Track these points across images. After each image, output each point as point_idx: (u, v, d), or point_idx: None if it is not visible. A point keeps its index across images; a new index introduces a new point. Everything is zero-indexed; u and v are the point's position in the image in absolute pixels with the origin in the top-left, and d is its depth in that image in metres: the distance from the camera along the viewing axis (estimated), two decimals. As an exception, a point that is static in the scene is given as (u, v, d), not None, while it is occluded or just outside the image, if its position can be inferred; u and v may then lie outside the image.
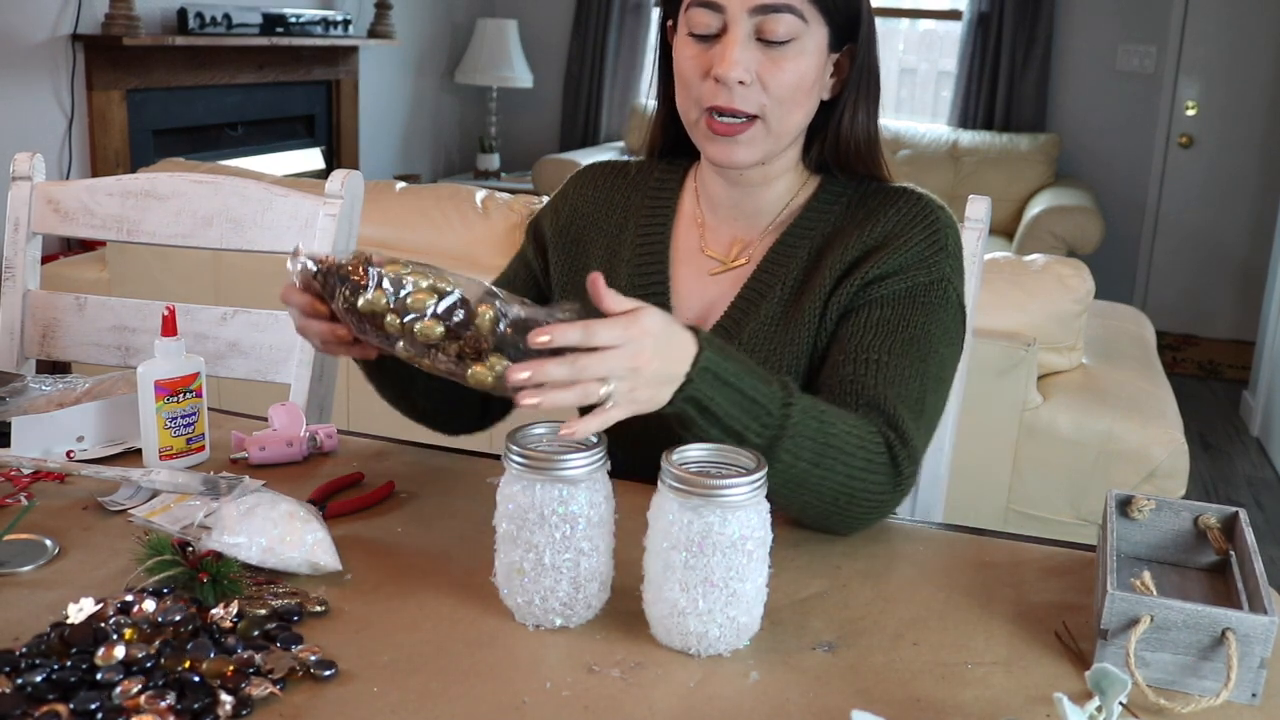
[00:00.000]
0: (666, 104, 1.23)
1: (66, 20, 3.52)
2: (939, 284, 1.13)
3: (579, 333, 0.85)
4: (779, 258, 1.18)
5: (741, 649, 0.86)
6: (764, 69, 1.10)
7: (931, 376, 1.10)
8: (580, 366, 0.85)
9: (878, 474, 1.01)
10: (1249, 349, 4.69)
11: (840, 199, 1.20)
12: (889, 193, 1.18)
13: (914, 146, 5.06)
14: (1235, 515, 0.99)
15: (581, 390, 0.86)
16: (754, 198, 1.20)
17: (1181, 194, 5.01)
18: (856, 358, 1.09)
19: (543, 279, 1.31)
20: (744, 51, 1.09)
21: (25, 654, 0.79)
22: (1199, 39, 4.87)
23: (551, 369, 0.85)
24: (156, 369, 1.14)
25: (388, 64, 5.18)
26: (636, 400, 0.89)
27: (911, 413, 1.06)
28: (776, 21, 1.08)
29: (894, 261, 1.12)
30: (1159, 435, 2.13)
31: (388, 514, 1.08)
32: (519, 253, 1.34)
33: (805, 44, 1.10)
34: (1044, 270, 2.24)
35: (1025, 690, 0.82)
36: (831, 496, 1.00)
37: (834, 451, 0.98)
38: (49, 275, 2.66)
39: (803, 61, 1.10)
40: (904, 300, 1.12)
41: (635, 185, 1.28)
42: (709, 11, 1.10)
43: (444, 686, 0.80)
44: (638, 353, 0.87)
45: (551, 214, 1.31)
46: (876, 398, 1.06)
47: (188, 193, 1.56)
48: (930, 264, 1.13)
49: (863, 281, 1.12)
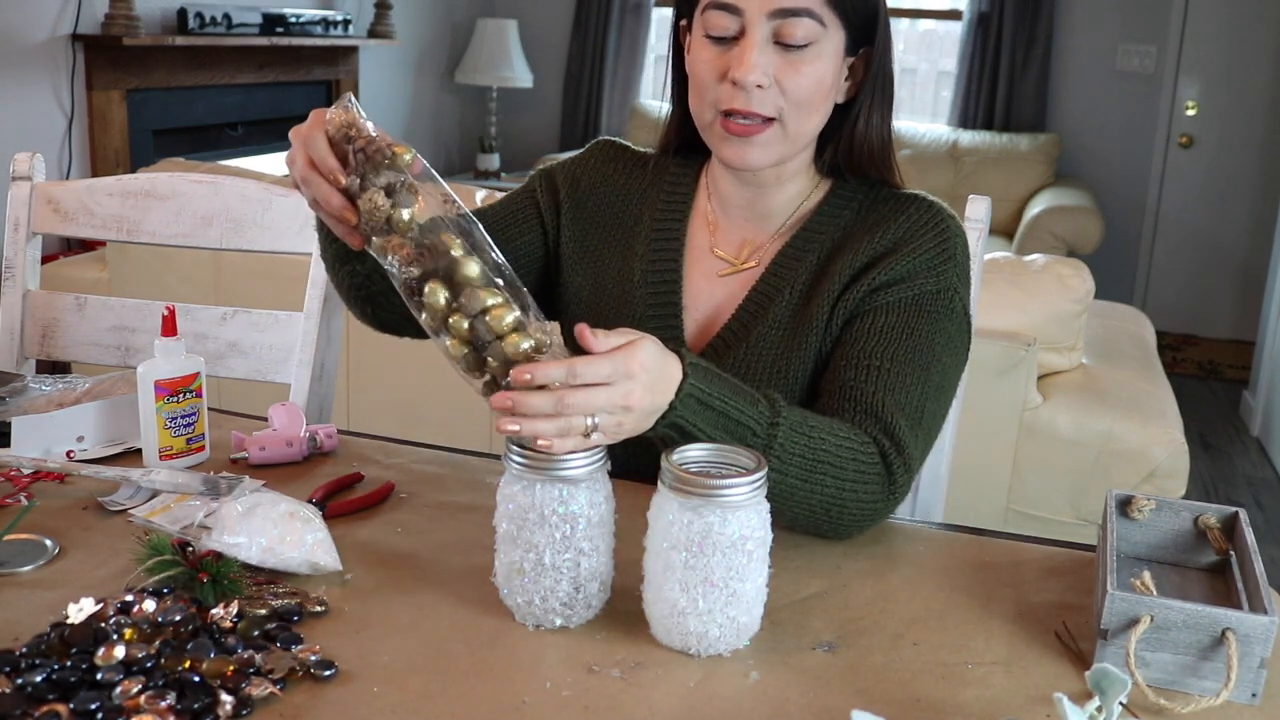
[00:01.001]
0: (681, 104, 1.22)
1: (66, 20, 3.52)
2: (945, 293, 1.13)
3: (562, 371, 0.83)
4: (788, 261, 1.18)
5: (741, 649, 0.86)
6: (782, 72, 1.09)
7: (933, 385, 1.09)
8: (567, 404, 0.83)
9: (870, 484, 1.01)
10: (1249, 349, 4.69)
11: (851, 203, 1.20)
12: (900, 199, 1.18)
13: (914, 146, 5.06)
14: (1235, 515, 0.99)
15: (565, 423, 0.84)
16: (765, 200, 1.20)
17: (1181, 194, 5.01)
18: (858, 364, 1.09)
19: (552, 231, 1.28)
20: (762, 55, 1.08)
21: (25, 654, 0.79)
22: (1199, 39, 4.87)
23: (534, 401, 0.83)
24: (156, 369, 1.14)
25: (388, 64, 5.18)
26: (621, 433, 0.88)
27: (909, 421, 1.06)
28: (795, 25, 1.07)
29: (902, 268, 1.12)
30: (1159, 435, 2.13)
31: (388, 514, 1.08)
32: (525, 192, 1.30)
33: (823, 48, 1.10)
34: (1044, 270, 2.24)
35: (1025, 690, 0.82)
36: (823, 508, 1.00)
37: (823, 466, 0.98)
38: (49, 275, 2.66)
39: (820, 65, 1.10)
40: (909, 308, 1.11)
41: (652, 179, 1.27)
42: (727, 14, 1.09)
43: (444, 686, 0.80)
44: (629, 392, 0.86)
45: (570, 178, 1.28)
46: (875, 405, 1.06)
47: (188, 193, 1.56)
48: (938, 272, 1.13)
49: (870, 287, 1.12)
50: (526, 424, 0.83)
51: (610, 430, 0.86)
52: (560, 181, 1.29)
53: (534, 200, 1.29)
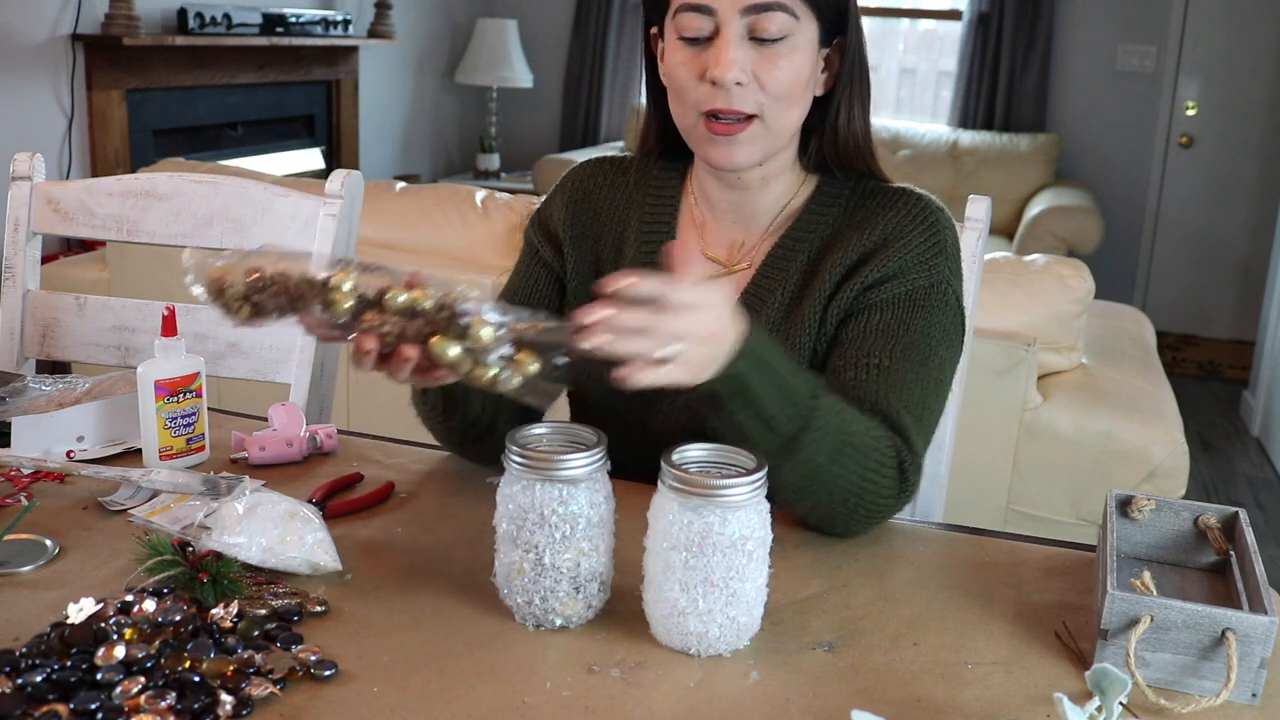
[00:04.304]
0: (659, 110, 1.21)
1: (66, 20, 3.52)
2: (938, 286, 1.13)
3: (659, 285, 0.84)
4: (778, 262, 1.18)
5: (741, 649, 0.86)
6: (759, 68, 1.09)
7: (932, 380, 1.10)
8: (659, 321, 0.84)
9: (886, 477, 1.01)
10: (1249, 349, 4.69)
11: (839, 199, 1.19)
12: (887, 194, 1.18)
13: (914, 146, 5.06)
14: (1235, 515, 0.99)
15: (650, 344, 0.84)
16: (752, 200, 1.19)
17: (1181, 194, 5.01)
18: (858, 363, 1.09)
19: (559, 271, 1.27)
20: (738, 52, 1.08)
21: (25, 654, 0.79)
22: (1199, 39, 4.87)
23: (628, 318, 0.83)
24: (156, 369, 1.14)
25: (388, 64, 5.18)
26: (691, 366, 0.88)
27: (914, 418, 1.06)
28: (768, 20, 1.08)
29: (894, 265, 1.12)
30: (1159, 435, 2.13)
31: (388, 514, 1.08)
32: (531, 256, 1.28)
33: (797, 40, 1.10)
34: (1044, 270, 2.24)
35: (1025, 690, 0.82)
36: (842, 495, 1.00)
37: (851, 450, 0.98)
38: (49, 275, 2.66)
39: (796, 58, 1.10)
40: (904, 303, 1.11)
41: (636, 184, 1.27)
42: (699, 15, 1.09)
43: (444, 686, 0.80)
44: (711, 320, 0.87)
45: (561, 209, 1.27)
46: (880, 404, 1.06)
47: (188, 193, 1.56)
48: (930, 266, 1.13)
49: (863, 285, 1.12)
50: (614, 341, 0.83)
51: (683, 361, 0.86)
52: (555, 221, 1.27)
53: (539, 258, 1.28)
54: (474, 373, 0.87)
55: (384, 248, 2.54)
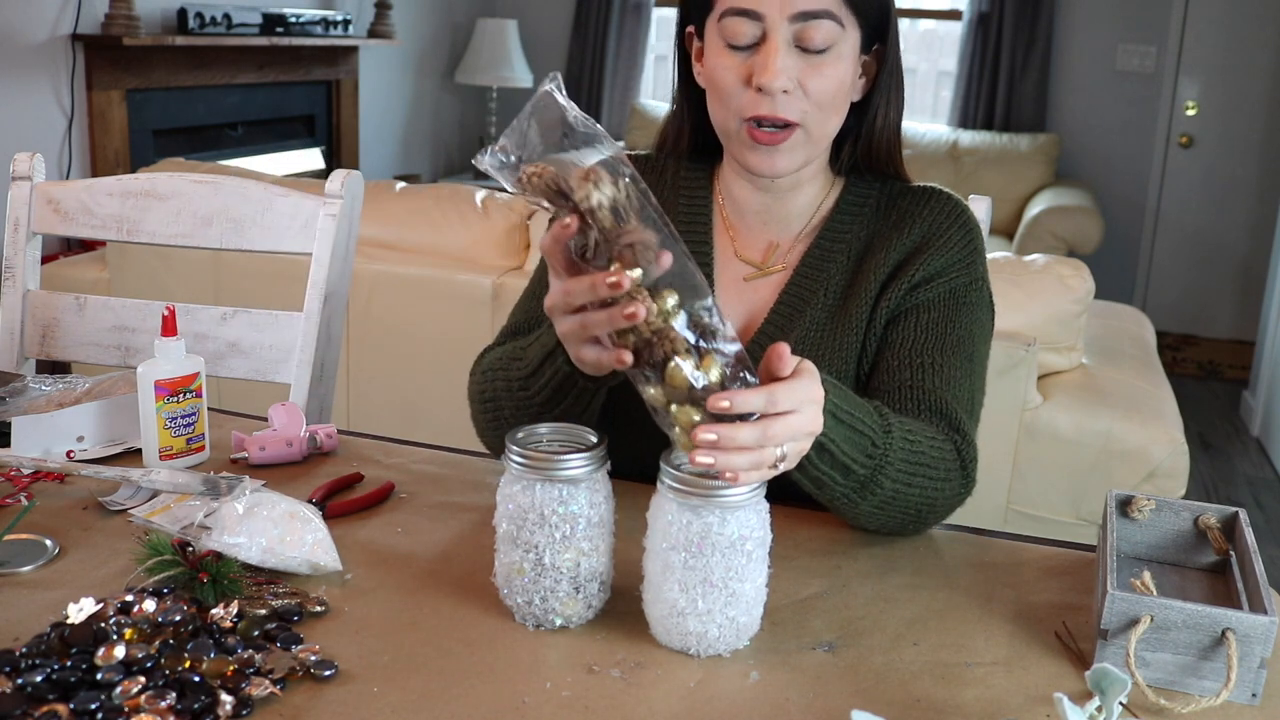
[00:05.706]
0: (693, 111, 1.21)
1: (66, 20, 3.52)
2: (977, 283, 1.17)
3: (762, 400, 0.80)
4: (817, 263, 1.19)
5: (741, 649, 0.86)
6: (804, 76, 1.09)
7: (977, 375, 1.14)
8: (770, 435, 0.80)
9: (952, 480, 1.05)
10: (1249, 349, 4.69)
11: (868, 200, 1.21)
12: (917, 194, 1.20)
13: (914, 146, 5.06)
14: (1235, 515, 0.99)
15: (761, 455, 0.81)
16: (784, 204, 1.20)
17: (1181, 194, 5.01)
18: (912, 362, 1.11)
19: None
20: (786, 59, 1.08)
21: (25, 654, 0.79)
22: (1199, 39, 4.87)
23: (742, 435, 0.79)
24: (156, 369, 1.14)
25: (388, 64, 5.18)
26: (798, 460, 0.86)
27: (966, 411, 1.10)
28: (815, 28, 1.07)
29: (936, 264, 1.15)
30: (1159, 435, 2.13)
31: (388, 514, 1.08)
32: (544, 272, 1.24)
33: (842, 49, 1.10)
34: (1044, 270, 2.24)
35: (1025, 690, 0.82)
36: (915, 510, 1.03)
37: (921, 469, 1.01)
38: (49, 275, 2.66)
39: (841, 66, 1.10)
40: (948, 302, 1.15)
41: (666, 184, 1.26)
42: (747, 20, 1.08)
43: (444, 686, 0.80)
44: (814, 418, 0.84)
45: None
46: (938, 402, 1.09)
47: (188, 193, 1.56)
48: (968, 264, 1.17)
49: (909, 285, 1.15)
50: (723, 458, 0.79)
51: (794, 457, 0.84)
52: None
53: None
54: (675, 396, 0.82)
55: (384, 248, 2.54)
